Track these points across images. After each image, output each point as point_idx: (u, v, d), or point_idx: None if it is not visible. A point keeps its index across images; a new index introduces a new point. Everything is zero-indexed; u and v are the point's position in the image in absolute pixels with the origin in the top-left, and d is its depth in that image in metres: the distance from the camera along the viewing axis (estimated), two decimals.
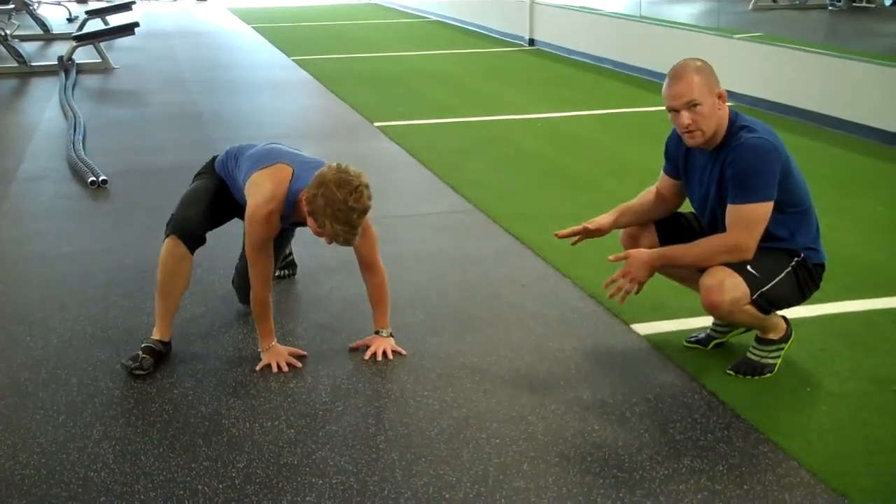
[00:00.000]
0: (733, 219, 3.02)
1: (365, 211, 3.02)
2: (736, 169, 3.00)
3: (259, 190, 3.24)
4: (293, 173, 3.24)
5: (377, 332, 3.45)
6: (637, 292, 3.15)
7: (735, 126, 3.06)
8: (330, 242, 3.12)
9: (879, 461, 2.70)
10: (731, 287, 2.99)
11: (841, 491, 2.55)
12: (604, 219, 3.41)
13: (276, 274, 4.16)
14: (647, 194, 3.38)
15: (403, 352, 3.42)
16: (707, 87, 3.00)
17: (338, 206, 2.96)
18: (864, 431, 2.87)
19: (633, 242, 3.41)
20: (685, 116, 3.02)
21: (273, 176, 3.26)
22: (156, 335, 3.39)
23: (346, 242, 3.10)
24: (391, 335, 3.45)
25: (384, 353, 3.38)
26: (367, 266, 3.39)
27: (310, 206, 3.04)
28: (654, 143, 3.86)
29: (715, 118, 3.03)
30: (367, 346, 3.43)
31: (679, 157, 3.27)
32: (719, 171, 3.08)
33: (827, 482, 2.59)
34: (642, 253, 3.16)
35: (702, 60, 3.07)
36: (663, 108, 3.10)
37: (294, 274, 4.19)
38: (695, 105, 2.99)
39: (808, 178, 3.18)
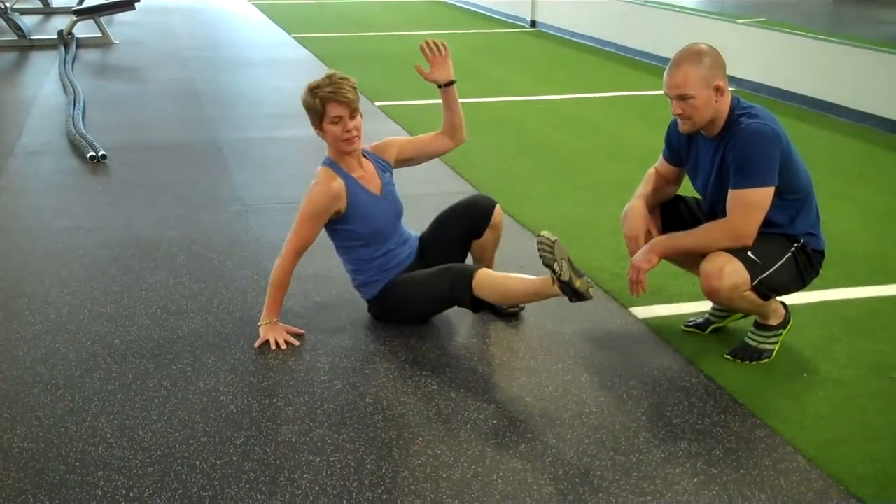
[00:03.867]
0: (734, 204, 3.02)
1: (344, 78, 3.25)
2: (737, 154, 2.99)
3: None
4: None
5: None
6: (642, 289, 3.16)
7: (736, 112, 3.05)
8: (348, 130, 3.25)
9: (876, 448, 2.71)
10: (731, 273, 2.99)
11: (836, 477, 2.56)
12: (640, 232, 3.26)
13: None
14: (653, 179, 3.35)
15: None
16: (704, 79, 2.98)
17: (314, 84, 3.25)
18: (861, 418, 2.87)
19: None
20: (676, 106, 3.02)
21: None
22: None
23: (347, 99, 3.22)
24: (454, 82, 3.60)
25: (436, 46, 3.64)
26: (427, 140, 3.71)
27: (307, 110, 3.29)
28: (655, 126, 3.86)
29: (709, 110, 3.01)
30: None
31: (681, 145, 3.26)
32: (721, 156, 3.07)
33: (823, 468, 2.60)
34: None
35: (709, 47, 3.04)
36: (664, 91, 3.09)
37: None
38: (687, 97, 2.98)
39: (810, 165, 3.17)
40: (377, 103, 7.32)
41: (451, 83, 3.56)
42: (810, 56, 7.66)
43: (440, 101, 3.60)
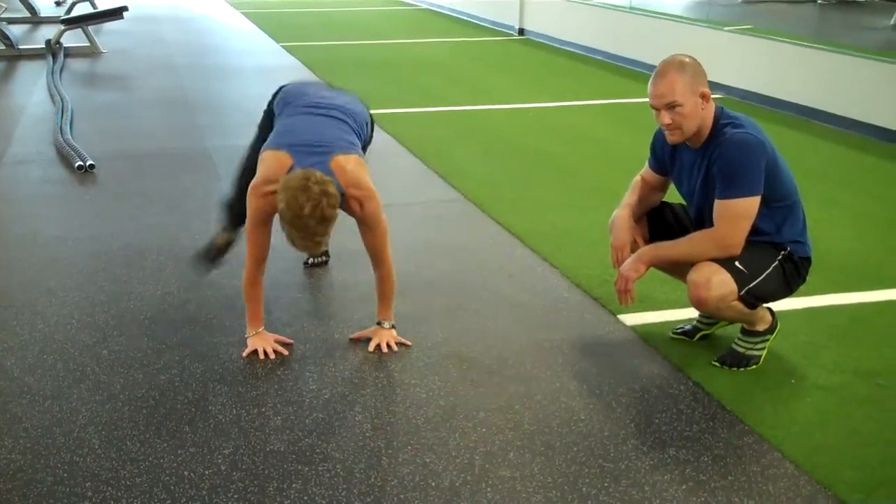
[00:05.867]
0: (720, 214, 3.03)
1: (323, 220, 2.93)
2: (722, 164, 3.00)
3: (263, 168, 3.22)
4: (291, 166, 3.14)
5: (378, 324, 3.43)
6: (630, 298, 3.17)
7: (721, 122, 3.06)
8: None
9: (863, 453, 2.72)
10: (719, 284, 3.00)
11: (824, 482, 2.57)
12: (626, 242, 3.28)
13: (312, 261, 4.13)
14: (639, 187, 3.36)
15: (408, 343, 3.41)
16: (690, 87, 2.99)
17: (295, 211, 2.90)
18: (848, 424, 2.89)
19: None
20: (665, 116, 3.03)
21: (274, 160, 3.19)
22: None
23: (306, 249, 3.08)
24: (393, 327, 3.43)
25: (388, 346, 3.37)
26: (374, 258, 3.34)
27: (277, 210, 3.00)
28: (642, 133, 3.88)
29: (697, 118, 3.03)
30: (369, 339, 3.41)
31: (666, 154, 3.28)
32: (706, 166, 3.08)
33: (811, 473, 2.61)
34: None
35: (689, 57, 3.06)
36: (651, 103, 3.10)
37: (327, 262, 4.18)
38: (675, 106, 2.99)
39: (797, 172, 3.19)
40: None
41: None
42: (797, 63, 7.69)
43: (429, 109, 3.56)
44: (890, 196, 5.39)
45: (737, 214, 3.00)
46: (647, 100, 3.10)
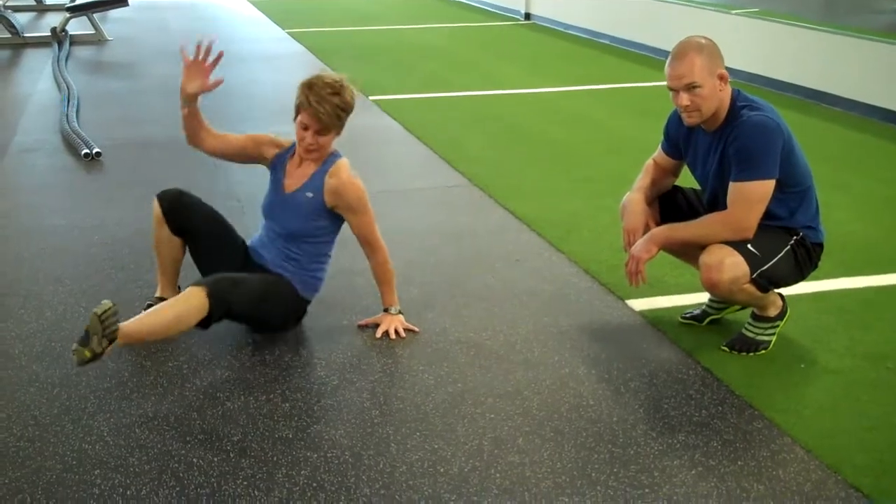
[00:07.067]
0: (735, 196, 3.01)
1: (337, 94, 3.14)
2: (738, 146, 2.98)
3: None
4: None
5: (386, 310, 3.43)
6: (642, 279, 3.15)
7: (737, 104, 3.04)
8: (304, 140, 3.21)
9: (873, 437, 2.71)
10: (731, 266, 2.98)
11: (834, 467, 2.56)
12: (638, 225, 3.25)
13: None
14: (652, 171, 3.34)
15: (416, 329, 3.41)
16: (708, 68, 2.97)
17: (313, 80, 3.17)
18: (858, 408, 2.87)
19: None
20: (684, 97, 3.00)
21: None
22: (157, 293, 3.55)
23: (318, 119, 3.14)
24: (400, 312, 3.43)
25: (396, 332, 3.37)
26: (367, 244, 3.37)
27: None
28: (651, 118, 3.86)
29: (715, 99, 3.00)
30: (377, 325, 3.41)
31: (680, 137, 3.25)
32: (721, 148, 3.06)
33: (821, 458, 2.60)
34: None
35: (706, 39, 3.03)
36: (660, 83, 3.09)
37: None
38: (694, 87, 2.97)
39: (805, 155, 3.16)
40: (371, 97, 7.31)
41: None
42: (805, 46, 7.65)
43: (435, 95, 3.57)
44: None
45: (752, 197, 2.98)
46: (654, 84, 3.10)
